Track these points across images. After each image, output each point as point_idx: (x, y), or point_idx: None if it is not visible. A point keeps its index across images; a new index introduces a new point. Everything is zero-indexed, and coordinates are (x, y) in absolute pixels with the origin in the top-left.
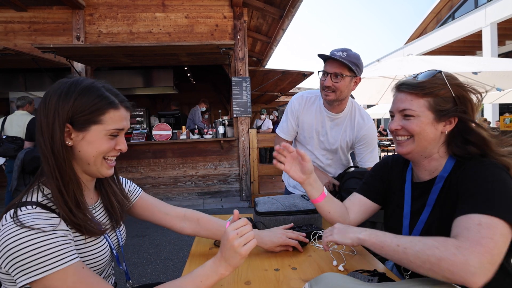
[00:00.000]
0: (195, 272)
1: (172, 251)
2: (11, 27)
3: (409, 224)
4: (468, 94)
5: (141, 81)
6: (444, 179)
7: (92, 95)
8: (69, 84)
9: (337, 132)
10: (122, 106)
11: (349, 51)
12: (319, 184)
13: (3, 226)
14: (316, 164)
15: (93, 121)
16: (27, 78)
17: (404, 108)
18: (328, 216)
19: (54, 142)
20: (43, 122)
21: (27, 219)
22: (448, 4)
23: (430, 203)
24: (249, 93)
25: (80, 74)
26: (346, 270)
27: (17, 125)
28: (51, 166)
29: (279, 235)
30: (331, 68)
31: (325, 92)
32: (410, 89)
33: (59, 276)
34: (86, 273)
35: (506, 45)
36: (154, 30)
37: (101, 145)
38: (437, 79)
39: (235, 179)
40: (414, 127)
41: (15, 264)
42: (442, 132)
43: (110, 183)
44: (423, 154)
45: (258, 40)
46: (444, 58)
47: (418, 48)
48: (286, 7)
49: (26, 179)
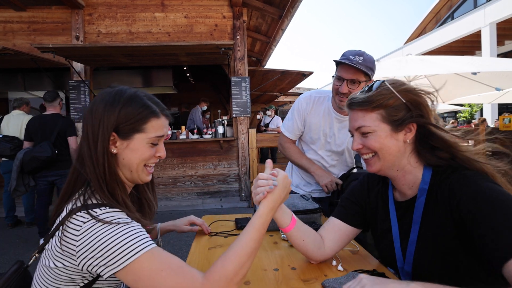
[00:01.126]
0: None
1: (172, 251)
2: (10, 27)
3: (401, 246)
4: (419, 97)
5: (141, 81)
6: (426, 192)
7: (136, 104)
8: (114, 93)
9: (344, 134)
10: (163, 115)
11: (365, 54)
12: (288, 210)
13: (85, 227)
14: (320, 164)
15: (136, 130)
16: (26, 78)
17: (359, 126)
18: (301, 245)
19: (99, 149)
20: (89, 130)
21: (106, 216)
22: (447, 4)
23: (416, 220)
24: (248, 93)
25: (79, 74)
26: (345, 270)
27: (13, 124)
28: (97, 174)
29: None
30: (347, 74)
31: (340, 97)
32: (359, 106)
33: (147, 258)
34: (168, 254)
35: (505, 45)
36: (153, 30)
37: (143, 153)
38: (383, 89)
39: (234, 179)
40: (373, 144)
41: (103, 256)
42: (405, 142)
43: (145, 189)
44: (394, 167)
45: (257, 40)
46: (444, 58)
47: (417, 48)
48: (286, 7)
49: (25, 179)
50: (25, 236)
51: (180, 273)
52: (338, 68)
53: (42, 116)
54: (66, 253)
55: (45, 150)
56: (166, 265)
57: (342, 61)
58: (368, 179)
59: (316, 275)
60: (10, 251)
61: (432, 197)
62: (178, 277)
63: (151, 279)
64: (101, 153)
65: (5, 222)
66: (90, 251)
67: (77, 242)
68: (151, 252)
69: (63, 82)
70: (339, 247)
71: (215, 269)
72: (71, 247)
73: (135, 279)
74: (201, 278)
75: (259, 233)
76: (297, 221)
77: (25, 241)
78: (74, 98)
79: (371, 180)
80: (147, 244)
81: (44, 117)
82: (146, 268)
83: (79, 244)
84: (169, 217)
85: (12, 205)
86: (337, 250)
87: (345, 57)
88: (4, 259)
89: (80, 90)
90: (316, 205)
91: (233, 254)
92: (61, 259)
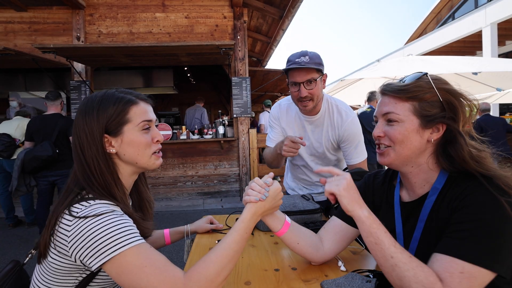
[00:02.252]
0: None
1: (172, 251)
2: (11, 27)
3: (404, 245)
4: (457, 101)
5: (141, 81)
6: (439, 191)
7: (111, 101)
8: (85, 102)
9: (319, 134)
10: (140, 100)
11: (309, 52)
12: (280, 214)
13: (72, 226)
14: (307, 170)
15: (123, 122)
16: (27, 78)
17: (387, 112)
18: (297, 248)
19: (96, 154)
20: (80, 144)
21: (98, 207)
22: (448, 4)
23: (422, 218)
24: (249, 93)
25: (80, 74)
26: (347, 270)
27: (9, 125)
28: (100, 183)
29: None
30: (300, 77)
31: (303, 104)
32: (394, 92)
33: (133, 252)
34: (154, 251)
35: (506, 45)
36: (154, 30)
37: (140, 142)
38: (423, 82)
39: (235, 179)
40: (397, 135)
41: (92, 246)
42: (429, 141)
43: (145, 188)
44: (409, 164)
45: (258, 40)
46: (444, 58)
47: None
48: (286, 7)
49: (26, 178)
50: (26, 236)
51: (163, 271)
52: (289, 75)
53: (42, 116)
54: (59, 245)
55: (46, 150)
56: (150, 262)
57: (291, 66)
58: (374, 179)
59: (317, 276)
60: (11, 251)
61: (441, 196)
62: (160, 275)
63: (134, 274)
64: (102, 158)
65: (5, 223)
66: (80, 241)
67: (69, 232)
68: (137, 247)
69: (64, 82)
70: (339, 248)
71: (197, 269)
72: (64, 238)
73: (118, 272)
74: (183, 277)
75: (241, 236)
76: (291, 225)
77: (26, 241)
78: (75, 98)
79: (376, 181)
80: (135, 239)
81: (45, 116)
82: (130, 262)
83: (70, 235)
84: (170, 217)
85: (11, 205)
86: (338, 251)
87: (292, 62)
88: (5, 259)
89: (81, 91)
90: (316, 205)
91: (215, 255)
92: (57, 251)
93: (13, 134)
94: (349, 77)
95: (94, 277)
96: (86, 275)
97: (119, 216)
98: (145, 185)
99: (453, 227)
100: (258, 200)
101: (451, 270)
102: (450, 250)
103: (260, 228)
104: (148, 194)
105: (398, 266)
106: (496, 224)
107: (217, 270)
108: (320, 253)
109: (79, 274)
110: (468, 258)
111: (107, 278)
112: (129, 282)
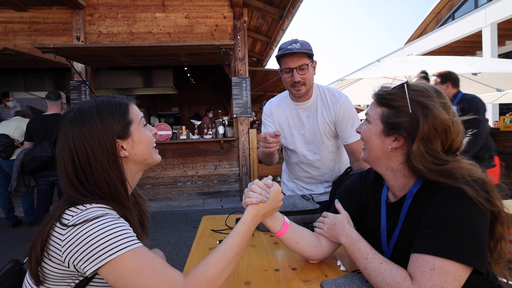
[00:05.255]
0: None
1: (172, 251)
2: (11, 27)
3: (387, 240)
4: (424, 117)
5: (141, 81)
6: (414, 195)
7: (109, 107)
8: (78, 113)
9: (314, 120)
10: (129, 100)
11: (299, 40)
12: (279, 215)
13: (65, 233)
14: (304, 165)
15: (128, 123)
16: (27, 78)
17: (366, 113)
18: (296, 247)
19: (111, 162)
20: (89, 155)
21: (94, 211)
22: (448, 4)
23: (401, 219)
24: (249, 93)
25: (80, 74)
26: (346, 270)
27: (7, 125)
28: (105, 192)
29: None
30: (293, 63)
31: (296, 88)
32: (374, 97)
33: (130, 256)
34: (152, 255)
35: (506, 45)
36: (154, 30)
37: (147, 137)
38: (398, 91)
39: (235, 179)
40: (363, 134)
41: (87, 250)
42: (392, 148)
43: (140, 196)
44: (382, 165)
45: (258, 40)
46: (444, 58)
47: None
48: (286, 7)
49: (26, 179)
50: (26, 236)
51: (162, 274)
52: (281, 62)
53: (42, 116)
54: (52, 254)
55: (45, 150)
56: (148, 265)
57: (285, 52)
58: (366, 177)
59: (317, 276)
60: (11, 251)
61: (416, 199)
62: (159, 278)
63: (131, 279)
64: (114, 166)
65: (5, 223)
66: (74, 246)
67: (62, 240)
68: (134, 251)
69: (64, 82)
70: (337, 244)
71: (197, 272)
72: (57, 247)
73: (115, 277)
74: (182, 280)
75: (242, 238)
76: (290, 225)
77: (26, 241)
78: (75, 98)
79: (368, 179)
80: (132, 243)
81: (44, 117)
82: (128, 266)
83: (64, 240)
84: (170, 217)
85: (11, 205)
86: (335, 247)
87: (285, 49)
88: (5, 259)
89: (81, 91)
90: (316, 205)
91: (215, 257)
92: (49, 260)
93: (12, 134)
94: (349, 77)
95: (88, 283)
96: (79, 281)
97: (115, 219)
98: (141, 197)
99: (422, 224)
100: (259, 202)
101: (422, 268)
102: (420, 248)
103: (260, 228)
104: (145, 208)
105: (371, 275)
106: (463, 217)
107: (218, 272)
108: (319, 250)
109: (71, 280)
110: (437, 252)
111: (103, 283)
112: (127, 287)
